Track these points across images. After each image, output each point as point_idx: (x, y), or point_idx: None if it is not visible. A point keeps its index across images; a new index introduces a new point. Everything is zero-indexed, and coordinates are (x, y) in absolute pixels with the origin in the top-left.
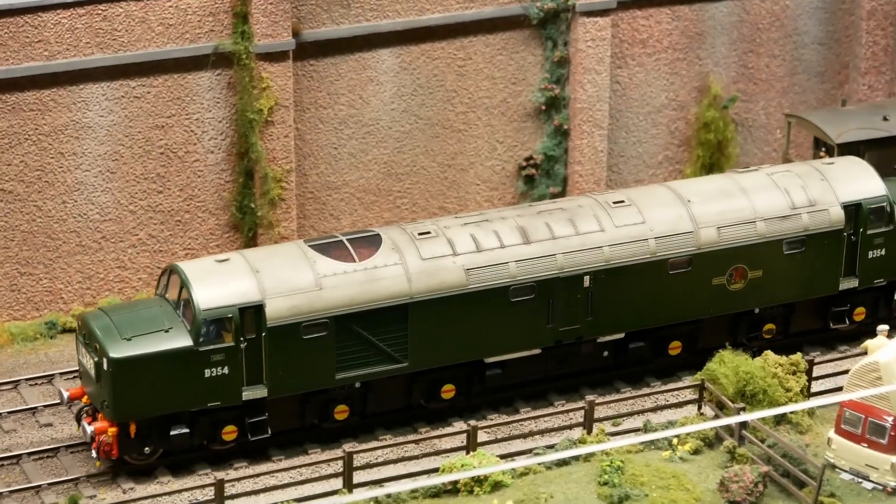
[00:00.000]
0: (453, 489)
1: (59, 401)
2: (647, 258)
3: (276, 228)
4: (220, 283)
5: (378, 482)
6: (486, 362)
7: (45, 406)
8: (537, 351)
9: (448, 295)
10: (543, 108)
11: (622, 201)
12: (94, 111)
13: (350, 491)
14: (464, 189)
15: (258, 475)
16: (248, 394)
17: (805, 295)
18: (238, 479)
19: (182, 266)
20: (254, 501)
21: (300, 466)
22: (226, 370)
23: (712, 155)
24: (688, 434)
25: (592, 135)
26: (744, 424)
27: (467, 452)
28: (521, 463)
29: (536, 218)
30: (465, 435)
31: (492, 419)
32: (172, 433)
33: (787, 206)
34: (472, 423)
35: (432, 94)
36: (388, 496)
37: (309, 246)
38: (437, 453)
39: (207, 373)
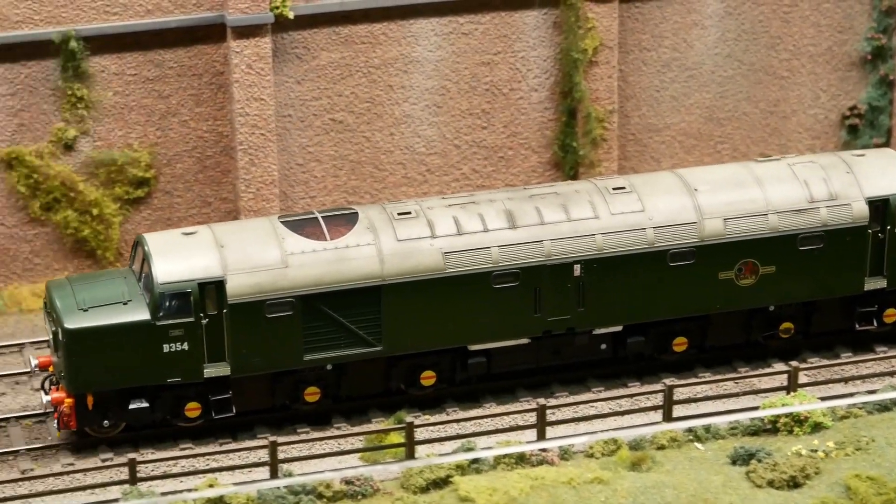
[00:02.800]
0: (773, 428)
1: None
2: (645, 248)
3: (598, 168)
4: (181, 256)
5: (697, 417)
6: (469, 350)
7: None
8: (525, 340)
9: (423, 279)
10: (869, 57)
11: (623, 188)
12: (423, 46)
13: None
14: (785, 136)
15: (577, 404)
16: (210, 371)
17: (825, 294)
18: (558, 407)
19: (147, 238)
20: (573, 429)
21: (619, 398)
22: (185, 346)
23: None
24: None
25: None
26: None
27: (787, 393)
28: (840, 403)
29: (527, 202)
30: (785, 376)
31: (812, 362)
32: (131, 407)
33: (804, 198)
34: (794, 363)
35: (756, 39)
36: (707, 430)
37: (281, 222)
38: (756, 392)
39: (166, 348)
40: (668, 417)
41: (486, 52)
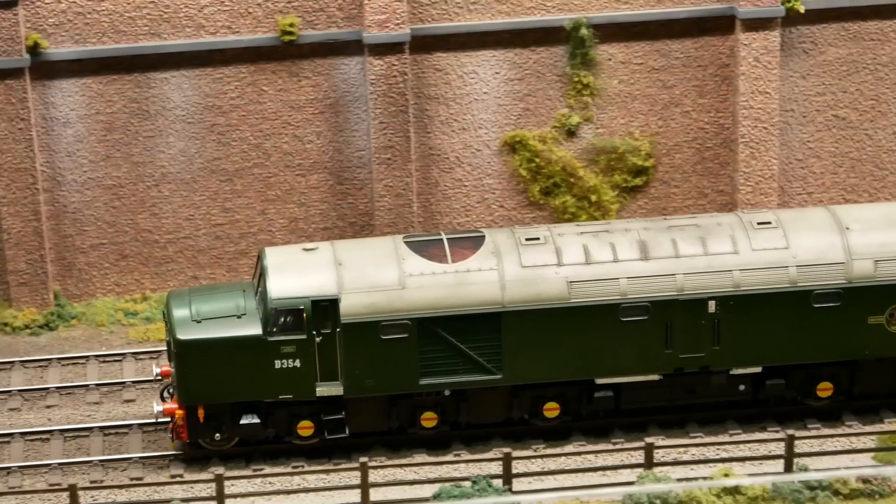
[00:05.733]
0: None
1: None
2: (786, 287)
3: None
4: (297, 272)
5: None
6: (596, 383)
7: None
8: (656, 377)
9: (546, 307)
10: None
11: (768, 223)
12: None
13: None
14: None
15: None
16: (323, 390)
17: None
18: None
19: (266, 252)
20: None
21: None
22: (297, 363)
23: None
24: None
25: None
26: None
27: None
28: None
29: (664, 233)
30: None
31: None
32: (243, 422)
33: None
34: None
35: None
36: None
37: (404, 242)
38: None
39: (278, 364)
40: None
41: None
